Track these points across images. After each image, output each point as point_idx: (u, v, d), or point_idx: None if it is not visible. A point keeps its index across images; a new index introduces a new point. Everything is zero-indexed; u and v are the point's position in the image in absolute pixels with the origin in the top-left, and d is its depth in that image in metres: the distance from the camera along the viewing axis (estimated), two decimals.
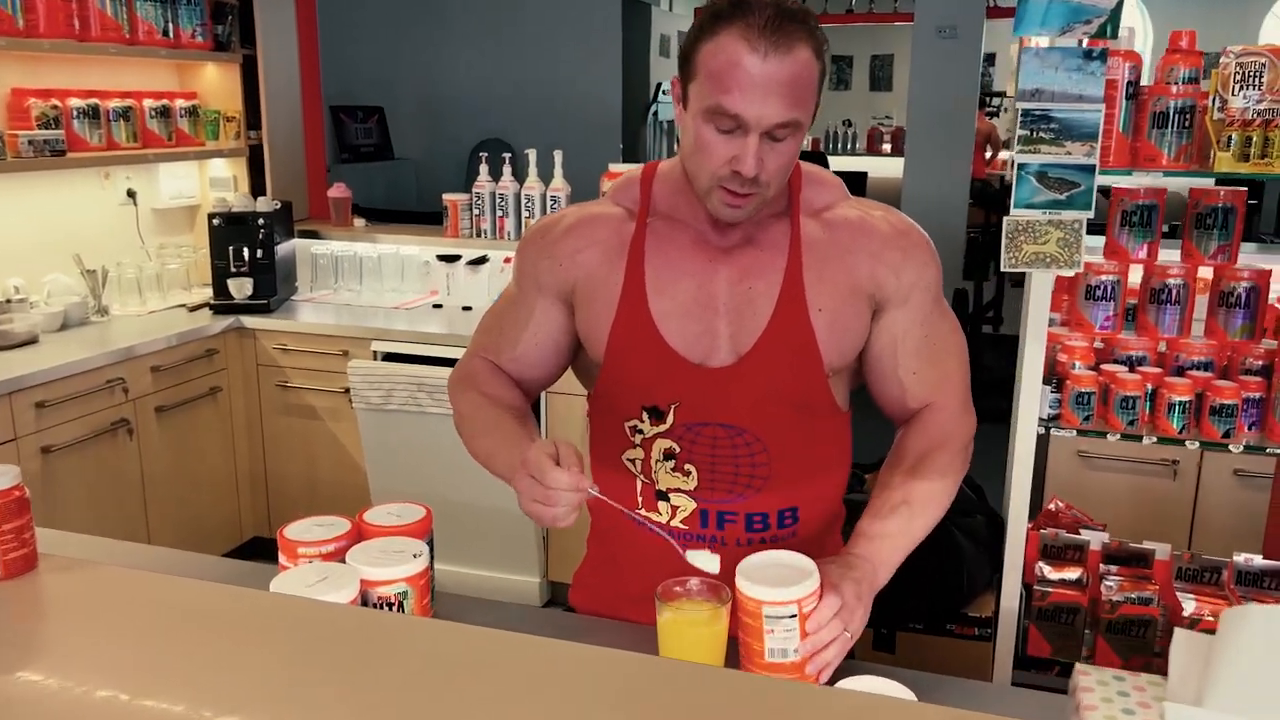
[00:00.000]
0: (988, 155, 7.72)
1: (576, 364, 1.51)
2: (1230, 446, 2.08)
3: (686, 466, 1.38)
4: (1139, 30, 8.97)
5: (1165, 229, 2.20)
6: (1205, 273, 2.19)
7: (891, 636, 2.20)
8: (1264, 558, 2.20)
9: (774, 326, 1.33)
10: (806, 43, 1.20)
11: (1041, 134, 1.99)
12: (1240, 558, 2.21)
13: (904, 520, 1.32)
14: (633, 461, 1.42)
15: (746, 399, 1.35)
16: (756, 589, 1.15)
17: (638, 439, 1.40)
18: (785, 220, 1.37)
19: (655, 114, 7.45)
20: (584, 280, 1.39)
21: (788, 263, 1.35)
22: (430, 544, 1.46)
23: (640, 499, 1.42)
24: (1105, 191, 2.15)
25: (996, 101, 9.85)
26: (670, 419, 1.37)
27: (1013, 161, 2.02)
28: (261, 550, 3.55)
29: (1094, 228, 2.09)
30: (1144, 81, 2.03)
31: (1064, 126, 1.98)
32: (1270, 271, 2.14)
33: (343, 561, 1.35)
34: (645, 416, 1.38)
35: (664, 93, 7.35)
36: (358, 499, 3.44)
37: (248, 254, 3.59)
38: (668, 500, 1.40)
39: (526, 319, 1.44)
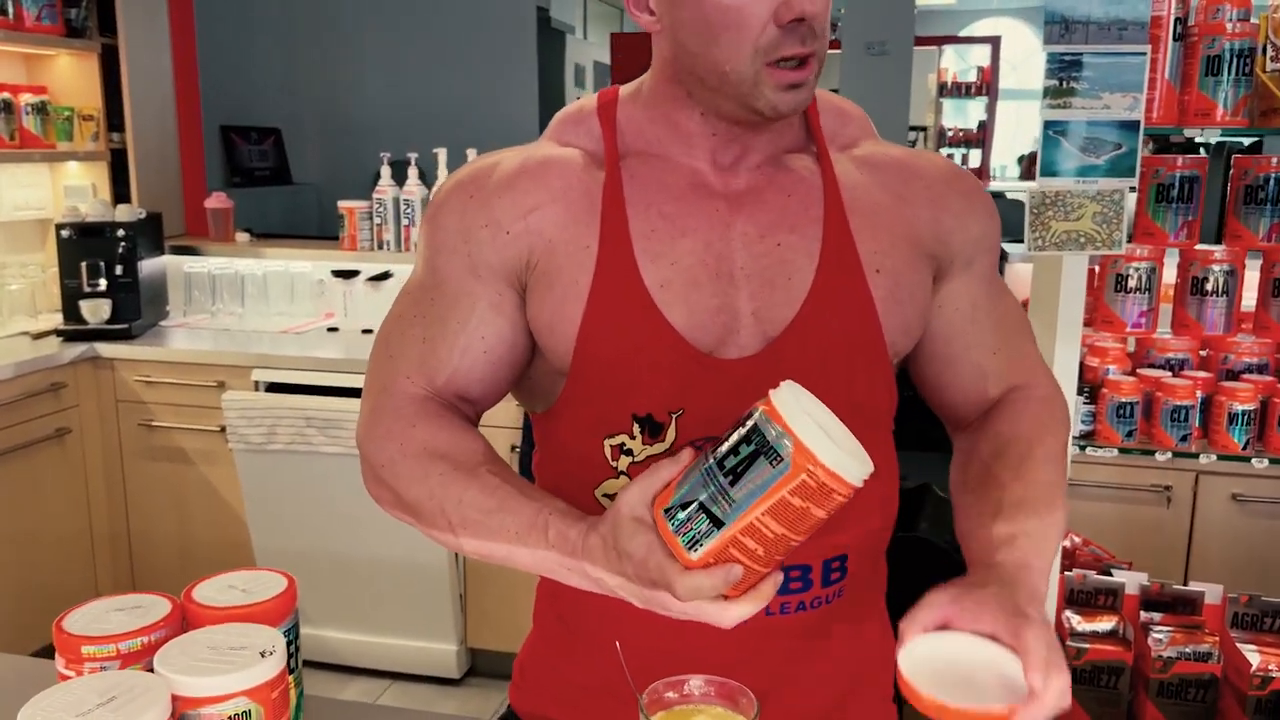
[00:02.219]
0: None
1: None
2: None
3: None
4: None
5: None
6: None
7: (899, 710, 1.76)
8: None
9: (817, 297, 0.94)
10: None
11: (1073, 84, 1.62)
12: None
13: (1037, 522, 0.92)
14: (613, 498, 0.97)
15: None
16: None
17: (623, 463, 0.96)
18: (809, 155, 1.00)
19: None
20: (543, 250, 0.96)
21: (825, 209, 0.97)
22: (293, 632, 0.99)
23: None
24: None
25: (912, 135, 9.77)
26: (671, 434, 0.94)
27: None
28: None
29: None
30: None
31: (1101, 74, 1.61)
32: None
33: (150, 668, 0.88)
34: (637, 430, 0.95)
35: None
36: (240, 559, 2.90)
37: (105, 271, 3.05)
38: None
39: (465, 319, 0.97)
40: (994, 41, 9.79)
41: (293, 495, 2.79)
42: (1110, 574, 1.94)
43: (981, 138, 9.73)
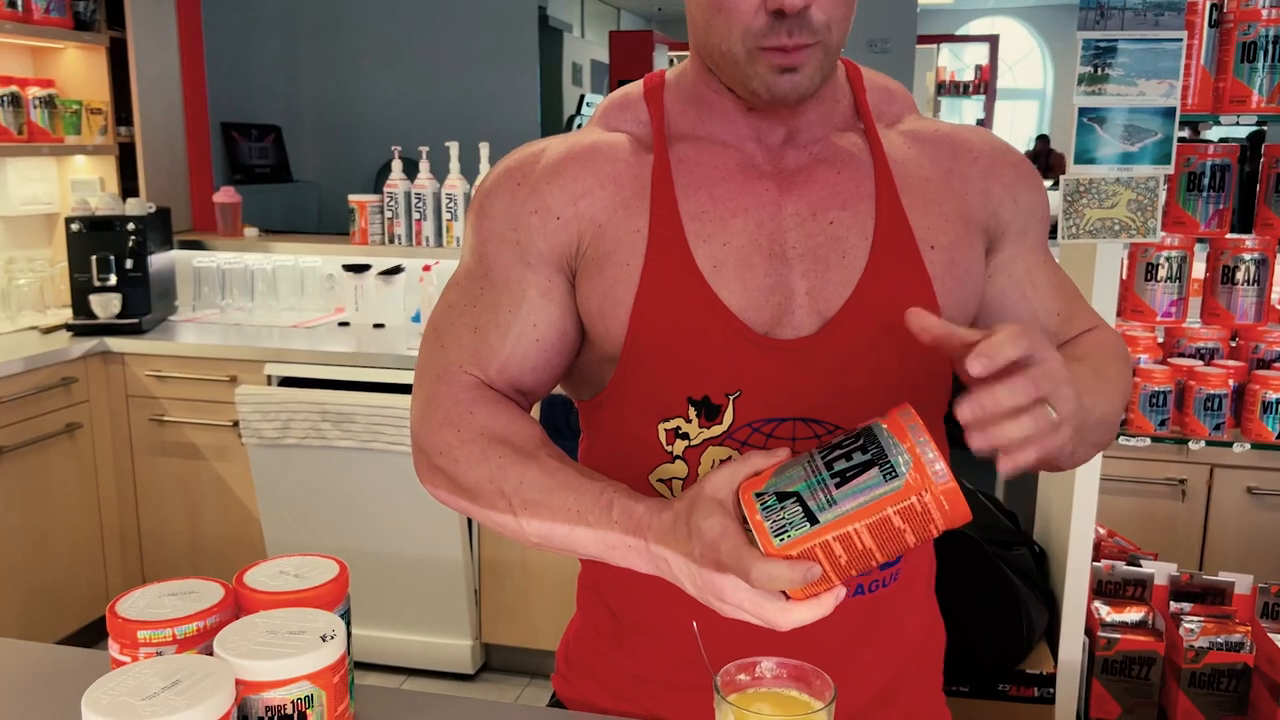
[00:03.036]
0: None
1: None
2: None
3: None
4: None
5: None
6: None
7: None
8: None
9: (872, 275, 0.93)
10: None
11: (1108, 70, 1.61)
12: None
13: (1092, 376, 0.91)
14: (668, 483, 0.96)
15: (838, 382, 0.93)
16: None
17: (679, 448, 0.94)
18: (857, 133, 0.99)
19: (579, 128, 7.17)
20: (593, 235, 0.95)
21: (877, 185, 0.96)
22: (346, 617, 0.98)
23: None
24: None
25: None
26: (729, 416, 0.93)
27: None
28: None
29: None
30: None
31: (1136, 60, 1.60)
32: None
33: (210, 653, 0.86)
34: (692, 413, 0.93)
35: (587, 104, 7.00)
36: (251, 555, 2.88)
37: (115, 265, 3.03)
38: None
39: (516, 307, 0.96)
40: (992, 41, 9.81)
41: (306, 490, 2.77)
42: (1139, 564, 1.94)
43: None
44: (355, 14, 5.86)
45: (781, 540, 0.73)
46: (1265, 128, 1.73)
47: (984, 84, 9.82)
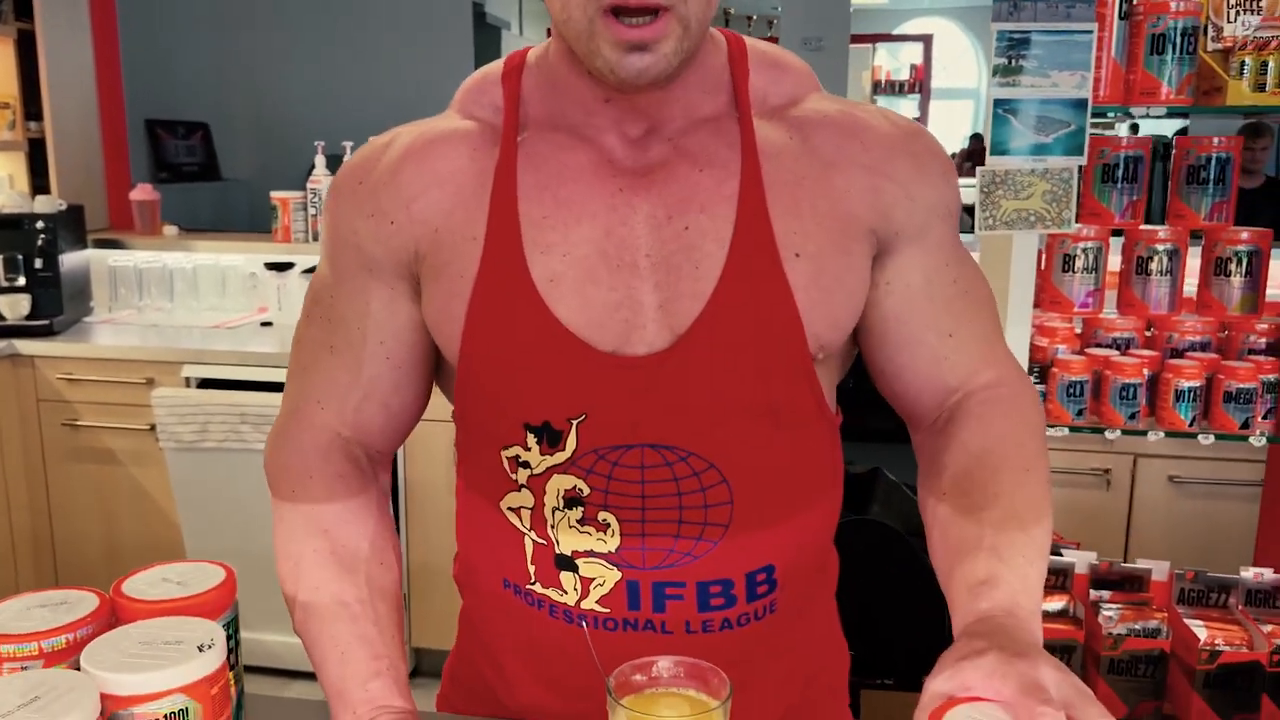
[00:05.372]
0: None
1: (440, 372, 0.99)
2: (1251, 439, 1.73)
3: (602, 516, 0.88)
4: None
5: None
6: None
7: (854, 695, 1.75)
8: (1274, 571, 1.86)
9: (728, 286, 0.84)
10: None
11: (1022, 62, 1.62)
12: (1249, 573, 1.86)
13: (1019, 550, 0.82)
14: (516, 512, 0.91)
15: (691, 402, 0.85)
16: None
17: (522, 476, 0.89)
18: (730, 122, 0.88)
19: None
20: (430, 241, 0.88)
21: (741, 186, 0.86)
22: (232, 625, 0.93)
23: (532, 568, 0.92)
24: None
25: None
26: (572, 442, 0.86)
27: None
28: None
29: None
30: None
31: (1049, 51, 1.61)
32: (1271, 233, 1.82)
33: (78, 667, 0.82)
34: (531, 440, 0.87)
35: None
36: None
37: (24, 265, 2.92)
38: (574, 570, 0.90)
39: (360, 318, 0.91)
40: (926, 40, 9.94)
41: (227, 494, 2.69)
42: (1060, 554, 1.95)
43: None
44: (286, 7, 5.75)
45: None
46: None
47: (919, 83, 9.96)
